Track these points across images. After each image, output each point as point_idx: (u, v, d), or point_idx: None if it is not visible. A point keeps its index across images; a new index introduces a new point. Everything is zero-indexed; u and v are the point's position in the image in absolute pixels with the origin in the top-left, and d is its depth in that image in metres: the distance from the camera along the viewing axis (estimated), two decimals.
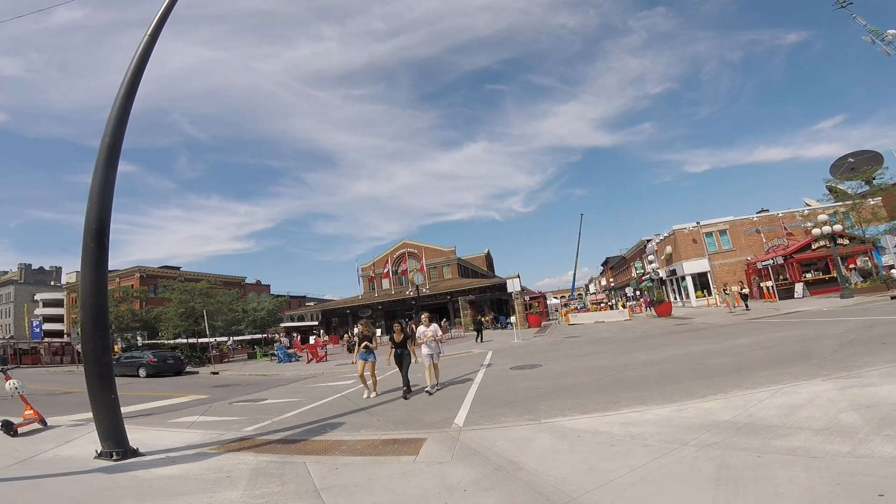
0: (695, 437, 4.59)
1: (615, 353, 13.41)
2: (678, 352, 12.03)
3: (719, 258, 36.93)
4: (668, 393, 7.00)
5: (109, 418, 5.88)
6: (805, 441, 4.11)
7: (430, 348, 9.83)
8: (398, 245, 54.01)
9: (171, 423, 8.95)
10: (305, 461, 5.25)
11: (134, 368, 22.89)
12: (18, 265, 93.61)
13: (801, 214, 35.80)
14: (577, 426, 5.60)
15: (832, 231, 23.94)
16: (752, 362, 8.83)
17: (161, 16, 7.05)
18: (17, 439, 7.19)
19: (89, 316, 6.02)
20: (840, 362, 7.57)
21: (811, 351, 9.15)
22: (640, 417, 5.65)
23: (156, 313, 40.86)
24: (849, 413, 4.72)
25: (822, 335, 11.32)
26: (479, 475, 4.24)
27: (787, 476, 3.43)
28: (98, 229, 6.14)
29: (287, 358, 26.15)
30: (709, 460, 3.93)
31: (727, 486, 3.39)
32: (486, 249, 70.24)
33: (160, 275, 59.12)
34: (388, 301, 48.02)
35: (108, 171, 6.38)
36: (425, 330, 10.00)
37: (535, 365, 12.61)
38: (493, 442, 5.28)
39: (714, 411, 5.47)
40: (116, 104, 6.60)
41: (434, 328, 10.05)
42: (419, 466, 4.70)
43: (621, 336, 19.25)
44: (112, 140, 6.45)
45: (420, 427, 6.66)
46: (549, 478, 3.98)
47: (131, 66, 6.75)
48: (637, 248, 55.49)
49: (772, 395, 5.84)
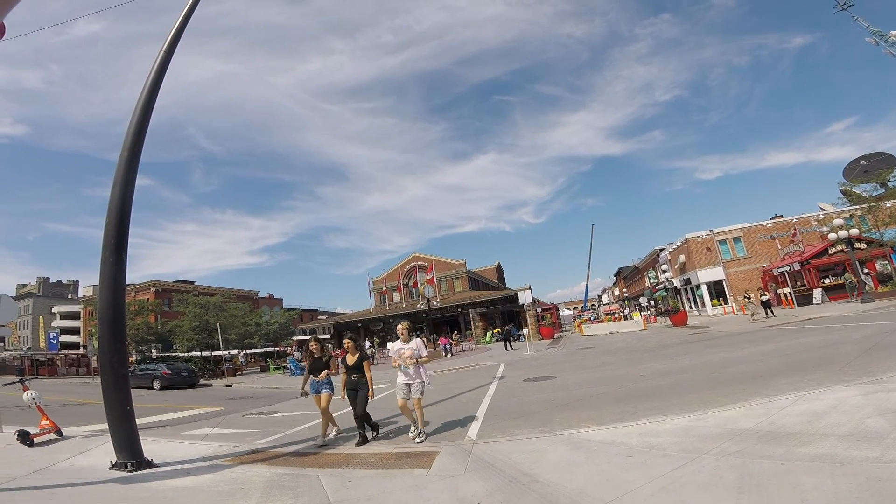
0: (715, 445, 4.47)
1: (630, 364, 13.21)
2: (695, 361, 11.82)
3: (734, 266, 36.41)
4: (687, 402, 6.86)
5: (124, 429, 5.90)
6: (830, 447, 3.99)
7: (407, 375, 6.69)
8: (409, 258, 54.20)
9: (184, 434, 8.97)
10: (318, 474, 5.21)
11: (149, 381, 23.09)
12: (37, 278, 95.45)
13: (816, 219, 35.20)
14: (593, 437, 5.49)
15: (849, 235, 23.51)
16: (772, 370, 8.64)
17: (176, 31, 7.19)
18: (34, 449, 7.25)
19: (107, 329, 6.08)
20: (863, 368, 7.38)
21: (832, 357, 8.93)
22: (657, 428, 5.53)
23: (170, 326, 41.30)
24: (875, 418, 4.58)
25: (843, 341, 11.06)
26: (493, 488, 4.16)
27: (812, 483, 3.32)
28: (116, 244, 6.23)
29: (299, 371, 26.13)
30: (730, 469, 3.83)
31: (750, 494, 3.29)
32: (496, 261, 70.22)
33: (175, 289, 59.84)
34: (399, 314, 47.98)
35: (126, 185, 6.47)
36: (401, 347, 6.82)
37: (549, 377, 12.46)
38: (507, 454, 5.20)
39: (734, 420, 5.35)
40: (134, 118, 6.72)
41: (415, 345, 6.85)
42: (432, 479, 4.64)
43: (636, 346, 18.99)
44: (130, 154, 6.56)
45: (433, 440, 6.59)
46: (565, 490, 3.89)
47: (148, 80, 6.87)
48: (650, 258, 54.96)
49: (794, 402, 5.70)
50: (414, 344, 6.82)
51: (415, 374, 6.70)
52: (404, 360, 6.66)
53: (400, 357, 6.72)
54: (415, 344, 6.82)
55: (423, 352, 6.79)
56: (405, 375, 6.69)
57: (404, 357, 6.67)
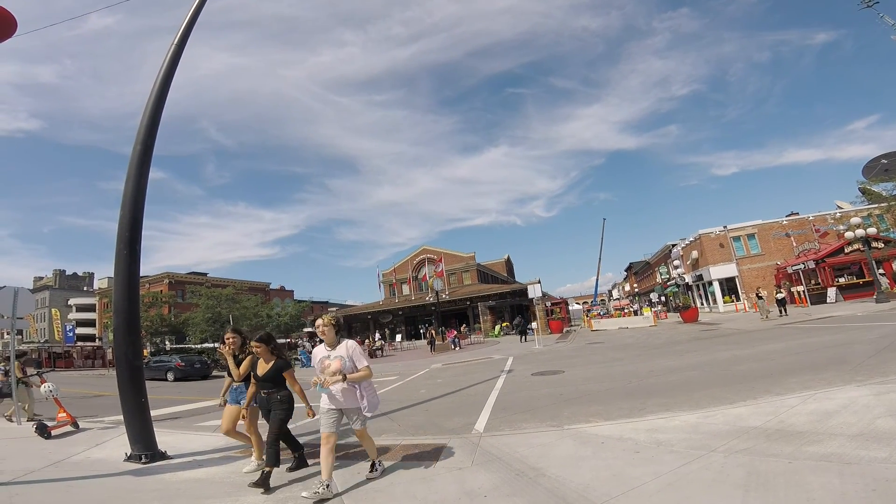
0: (723, 443, 4.47)
1: (640, 360, 13.17)
2: (705, 358, 11.76)
3: (747, 263, 35.99)
4: (695, 399, 6.84)
5: (139, 421, 6.02)
6: (839, 447, 3.97)
7: (333, 399, 4.49)
8: (418, 251, 54.30)
9: (197, 426, 9.10)
10: None
11: (162, 372, 23.45)
12: (53, 271, 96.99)
13: (833, 217, 34.67)
14: (600, 432, 5.50)
15: (866, 234, 23.14)
16: (783, 368, 8.57)
17: (187, 24, 7.24)
18: (51, 441, 7.41)
19: (122, 321, 6.19)
20: (876, 368, 7.30)
21: (845, 356, 8.84)
22: (666, 424, 5.53)
23: (184, 318, 41.86)
24: (885, 419, 4.54)
25: (856, 340, 10.93)
26: (500, 481, 4.20)
27: (819, 482, 3.31)
28: (130, 236, 6.32)
29: (310, 362, 26.39)
30: (738, 466, 3.83)
31: (757, 492, 3.29)
32: (506, 255, 70.02)
33: (188, 281, 60.60)
34: (409, 307, 48.20)
35: (139, 179, 6.55)
36: (325, 356, 4.62)
37: (557, 371, 12.47)
38: (514, 448, 5.23)
39: (743, 417, 5.32)
40: (147, 112, 6.79)
41: (347, 352, 4.56)
42: (439, 472, 4.68)
43: (646, 342, 18.91)
44: (143, 147, 6.64)
45: (440, 432, 6.64)
46: (571, 484, 3.92)
47: (160, 73, 6.94)
48: (662, 253, 54.50)
49: (803, 401, 5.66)
50: (344, 350, 4.53)
51: (345, 397, 4.44)
52: (329, 377, 4.40)
53: (323, 371, 4.50)
54: (345, 350, 4.53)
55: (359, 362, 4.50)
56: (330, 399, 4.47)
57: (329, 371, 4.42)
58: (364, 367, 4.51)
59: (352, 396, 4.49)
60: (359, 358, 4.54)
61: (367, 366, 4.53)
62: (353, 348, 4.60)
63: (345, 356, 4.51)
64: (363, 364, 4.53)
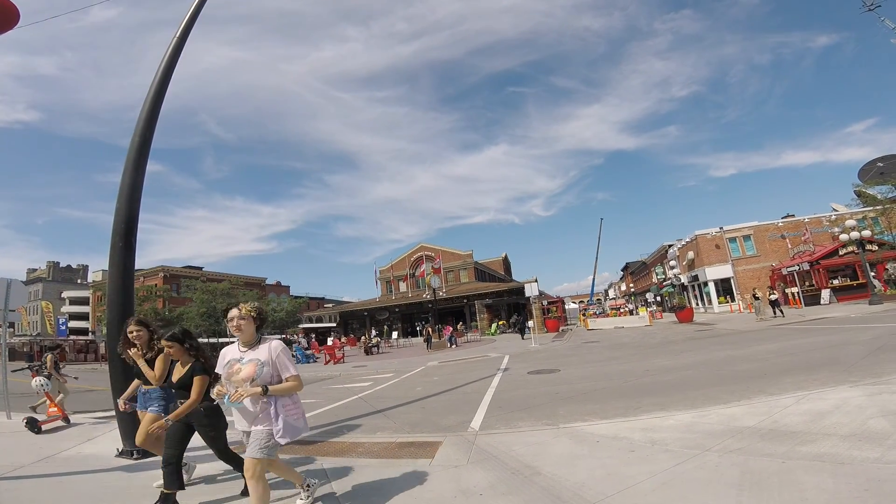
0: (717, 442, 4.49)
1: (635, 359, 13.21)
2: (700, 358, 11.80)
3: (743, 264, 36.18)
4: (690, 399, 6.86)
5: (131, 417, 5.99)
6: (832, 447, 4.00)
7: (245, 416, 3.48)
8: (416, 248, 54.25)
9: None
10: (323, 462, 5.28)
11: None
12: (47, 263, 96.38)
13: (828, 220, 34.87)
14: (596, 431, 5.52)
15: (860, 237, 23.27)
16: (777, 368, 8.61)
17: (189, 18, 7.22)
18: (41, 436, 7.35)
19: (116, 314, 6.16)
20: (868, 369, 7.34)
21: (838, 357, 8.89)
22: (661, 423, 5.55)
23: (178, 312, 41.71)
24: (878, 419, 4.58)
25: (849, 341, 11.00)
26: (496, 479, 4.21)
27: (813, 482, 3.34)
28: (126, 229, 6.29)
29: (305, 359, 26.40)
30: (732, 466, 3.85)
31: (751, 491, 3.31)
32: (503, 253, 70.10)
33: (183, 274, 60.37)
34: (405, 304, 48.22)
35: (136, 172, 6.52)
36: (236, 359, 3.53)
37: (554, 370, 12.50)
38: (509, 446, 5.24)
39: (737, 417, 5.35)
40: (146, 104, 6.76)
41: (267, 355, 3.50)
42: (435, 469, 4.68)
43: (641, 341, 18.97)
44: (141, 140, 6.61)
45: (436, 430, 6.64)
46: (567, 483, 3.93)
47: (161, 66, 6.91)
48: (658, 253, 54.68)
49: (797, 401, 5.69)
50: (265, 352, 3.49)
51: (261, 412, 3.41)
52: (238, 387, 3.36)
53: (229, 379, 3.44)
54: (265, 353, 3.48)
55: (285, 369, 3.49)
56: (242, 416, 3.47)
57: (238, 380, 3.38)
58: (292, 378, 3.48)
59: (265, 414, 3.39)
60: (285, 364, 3.50)
61: (296, 375, 3.51)
62: (279, 351, 3.52)
63: (263, 360, 3.43)
64: (290, 373, 3.49)
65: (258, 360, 3.44)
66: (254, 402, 3.38)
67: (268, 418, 3.40)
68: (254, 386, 3.34)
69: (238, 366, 3.44)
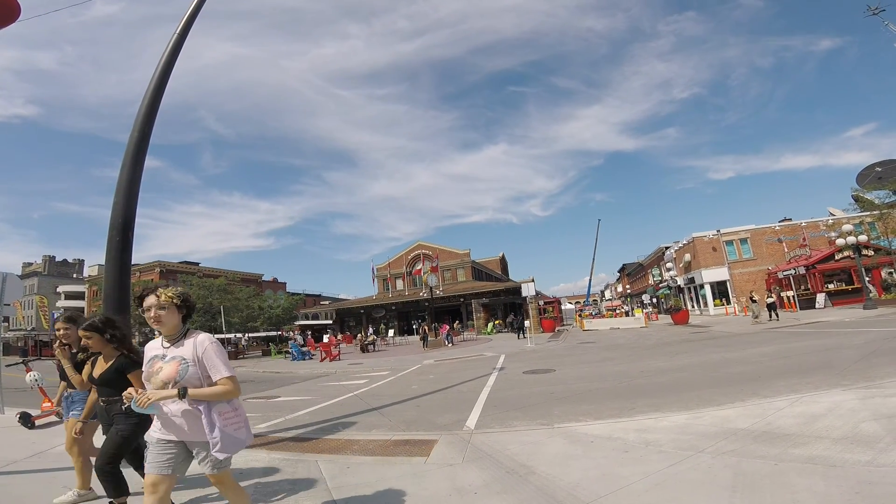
0: (711, 444, 4.52)
1: (630, 360, 13.26)
2: (695, 360, 11.85)
3: (739, 267, 36.32)
4: (684, 400, 6.89)
5: None
6: (824, 450, 4.03)
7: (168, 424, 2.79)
8: (413, 246, 54.25)
9: None
10: (317, 460, 5.27)
11: None
12: (43, 257, 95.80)
13: (825, 224, 35.04)
14: (590, 432, 5.54)
15: (857, 241, 23.37)
16: (771, 371, 8.66)
17: (191, 13, 7.19)
18: (35, 431, 7.34)
19: (111, 310, 6.11)
20: (862, 372, 7.39)
21: (832, 361, 8.94)
22: (655, 424, 5.58)
23: None
24: (870, 423, 4.61)
25: (843, 345, 11.07)
26: (491, 478, 4.22)
27: (804, 484, 3.36)
28: (123, 224, 6.25)
29: (301, 356, 26.37)
30: (725, 467, 3.87)
31: (743, 493, 3.34)
32: (500, 253, 70.23)
33: (180, 270, 60.13)
34: (402, 302, 48.21)
35: (135, 167, 6.49)
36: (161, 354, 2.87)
37: (549, 370, 12.53)
38: (504, 445, 5.26)
39: (731, 419, 5.38)
40: (146, 100, 6.72)
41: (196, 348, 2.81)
42: (430, 468, 4.70)
43: (637, 343, 19.03)
44: (140, 135, 6.57)
45: (431, 428, 6.65)
46: (561, 482, 3.95)
47: (161, 62, 6.88)
48: (655, 255, 54.81)
49: (790, 403, 5.73)
50: (190, 349, 2.83)
51: (187, 423, 2.77)
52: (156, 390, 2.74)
53: (148, 380, 2.84)
54: (192, 349, 2.83)
55: (217, 370, 2.80)
56: (164, 424, 2.82)
57: (157, 381, 2.77)
58: (224, 380, 2.77)
59: (196, 424, 2.73)
60: (215, 364, 2.79)
61: (231, 377, 2.79)
62: (208, 347, 2.82)
63: (190, 358, 2.78)
64: (223, 374, 2.77)
65: (182, 357, 2.79)
66: (186, 411, 2.73)
67: (201, 430, 2.72)
68: (174, 388, 2.70)
69: (159, 364, 2.81)
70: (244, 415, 2.96)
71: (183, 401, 2.70)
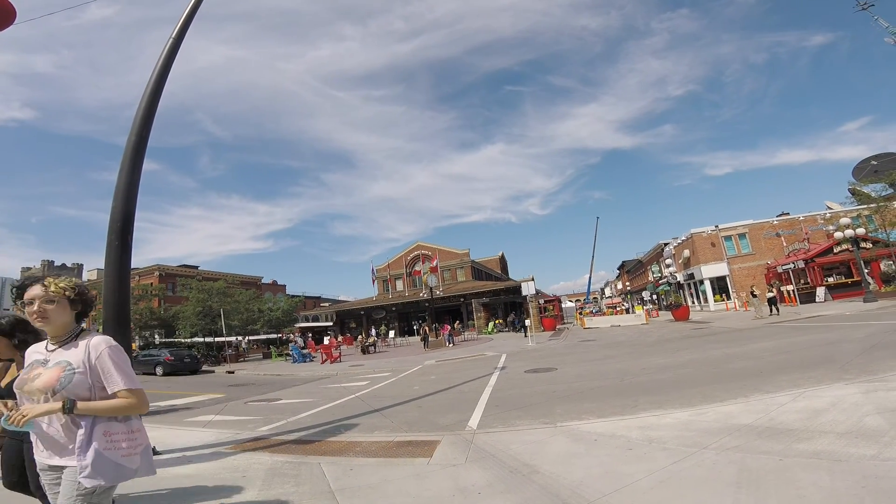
0: (715, 440, 4.50)
1: (632, 357, 13.25)
2: (696, 356, 11.84)
3: (738, 262, 36.34)
4: (687, 397, 6.88)
5: None
6: (828, 444, 4.01)
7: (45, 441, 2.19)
8: (412, 247, 54.23)
9: (187, 421, 9.06)
10: (320, 462, 5.26)
11: (151, 366, 23.29)
12: (41, 262, 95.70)
13: (823, 218, 35.08)
14: (593, 430, 5.53)
15: (855, 234, 23.40)
16: (773, 366, 8.65)
17: (187, 16, 7.17)
18: None
19: (111, 313, 6.11)
20: (864, 366, 7.38)
21: (833, 355, 8.93)
22: (658, 421, 5.56)
23: (174, 312, 41.40)
24: (874, 417, 4.60)
25: (844, 339, 11.06)
26: (494, 478, 4.20)
27: (810, 479, 3.35)
28: (122, 227, 6.24)
29: (302, 358, 26.34)
30: (729, 464, 3.86)
31: (748, 488, 3.32)
32: (500, 252, 70.14)
33: (179, 273, 59.94)
34: (402, 303, 48.18)
35: (133, 170, 6.47)
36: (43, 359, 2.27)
37: (551, 368, 12.51)
38: (507, 445, 5.24)
39: (734, 415, 5.37)
40: (143, 103, 6.71)
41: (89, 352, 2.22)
42: (433, 468, 4.68)
43: (638, 340, 19.02)
44: (138, 138, 6.56)
45: (434, 429, 6.63)
46: (565, 481, 3.93)
47: (158, 65, 6.87)
48: (654, 252, 54.86)
49: (793, 399, 5.72)
50: (78, 354, 2.24)
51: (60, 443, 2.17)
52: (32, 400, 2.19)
53: (21, 388, 2.22)
54: (80, 354, 2.23)
55: (112, 380, 2.22)
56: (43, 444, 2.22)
57: (31, 389, 2.18)
58: (124, 393, 2.23)
59: (70, 444, 2.16)
60: (111, 373, 2.23)
61: (133, 389, 2.25)
62: (104, 351, 2.25)
63: (77, 364, 2.22)
64: (120, 386, 2.22)
65: (67, 362, 2.21)
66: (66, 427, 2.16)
67: (72, 451, 2.13)
68: (56, 400, 2.13)
69: (38, 369, 2.24)
70: (144, 441, 2.35)
71: (63, 416, 2.13)
